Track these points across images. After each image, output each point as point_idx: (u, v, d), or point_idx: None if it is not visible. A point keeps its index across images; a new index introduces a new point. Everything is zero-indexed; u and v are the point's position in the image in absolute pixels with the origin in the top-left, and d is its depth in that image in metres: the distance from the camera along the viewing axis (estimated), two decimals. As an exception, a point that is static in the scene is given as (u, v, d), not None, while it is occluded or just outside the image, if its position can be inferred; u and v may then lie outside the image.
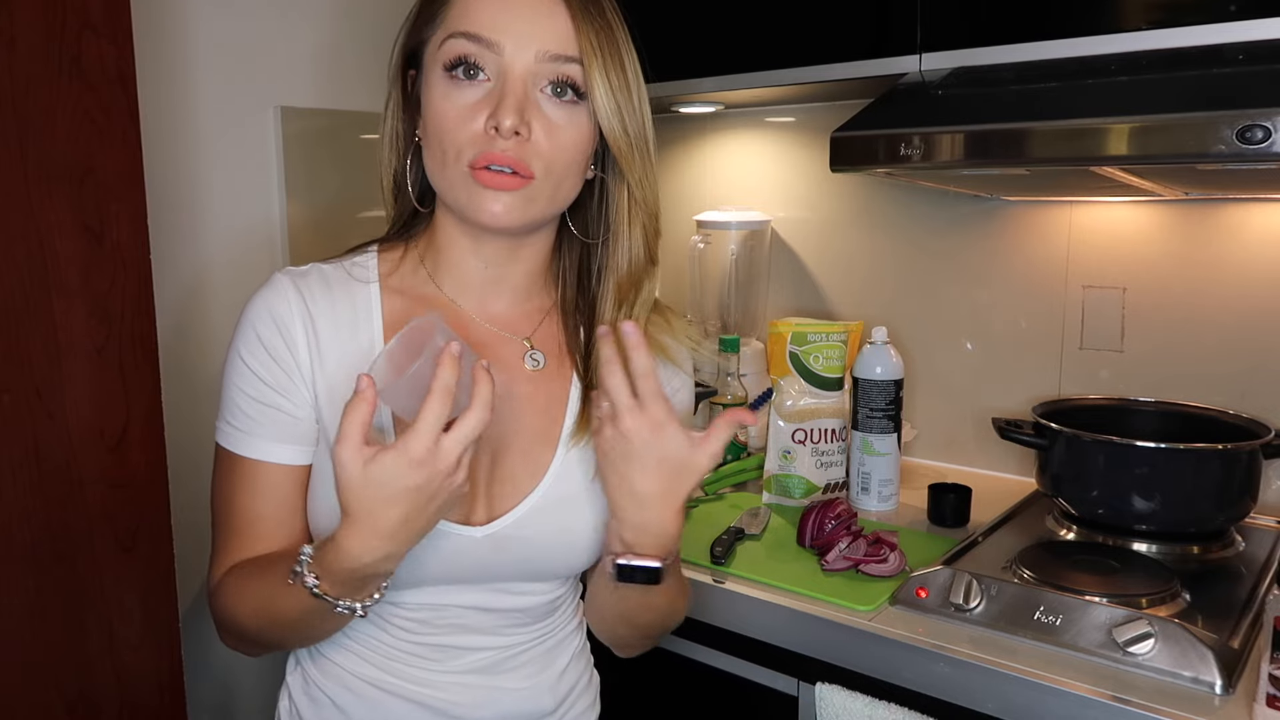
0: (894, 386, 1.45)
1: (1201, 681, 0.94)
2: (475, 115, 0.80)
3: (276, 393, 0.84)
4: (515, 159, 0.79)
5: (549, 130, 0.81)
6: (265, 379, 0.84)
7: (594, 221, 0.90)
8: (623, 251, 0.89)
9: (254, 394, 0.84)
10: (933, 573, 1.13)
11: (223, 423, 0.87)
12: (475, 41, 0.80)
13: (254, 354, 0.84)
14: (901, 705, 1.04)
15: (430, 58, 0.83)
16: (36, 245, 1.09)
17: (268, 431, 0.85)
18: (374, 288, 0.88)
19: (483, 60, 0.80)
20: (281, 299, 0.85)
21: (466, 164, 0.80)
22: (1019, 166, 1.15)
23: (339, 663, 0.89)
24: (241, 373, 0.85)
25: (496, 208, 0.80)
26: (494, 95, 0.80)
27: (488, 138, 0.79)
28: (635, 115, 0.85)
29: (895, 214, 1.74)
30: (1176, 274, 1.48)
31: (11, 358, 1.08)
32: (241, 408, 0.85)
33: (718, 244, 1.84)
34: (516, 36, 0.80)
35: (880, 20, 1.31)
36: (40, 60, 1.08)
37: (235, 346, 0.86)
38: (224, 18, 1.56)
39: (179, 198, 1.52)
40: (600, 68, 0.82)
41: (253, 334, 0.85)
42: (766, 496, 1.50)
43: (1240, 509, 1.27)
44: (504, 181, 0.80)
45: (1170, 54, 1.09)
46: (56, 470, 1.12)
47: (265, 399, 0.84)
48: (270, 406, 0.84)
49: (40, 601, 1.12)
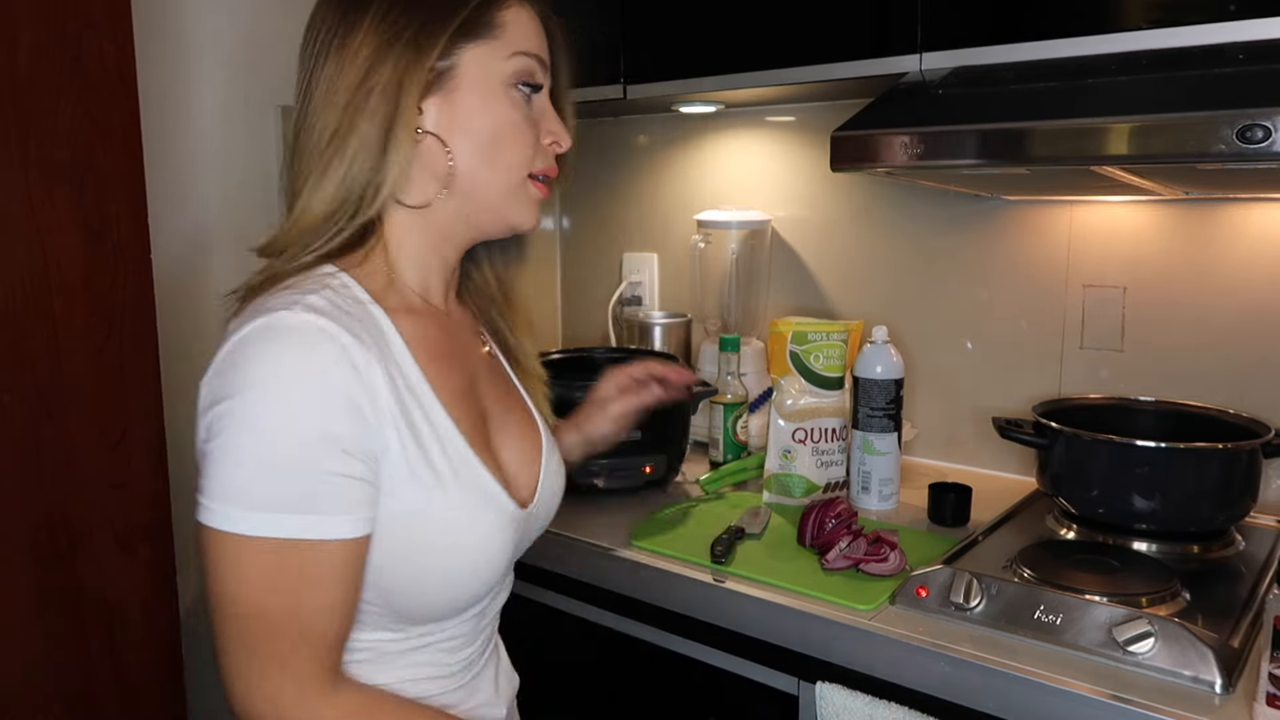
0: (894, 386, 1.45)
1: (1201, 681, 0.94)
2: (534, 127, 0.88)
3: (364, 462, 0.74)
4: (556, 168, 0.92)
5: None
6: (354, 450, 0.73)
7: None
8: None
9: (339, 469, 0.72)
10: (933, 572, 1.13)
11: (269, 513, 0.70)
12: (541, 65, 0.89)
13: (336, 421, 0.72)
14: (902, 704, 1.04)
15: (485, 64, 0.85)
16: (37, 245, 1.09)
17: (346, 504, 0.73)
18: (376, 310, 0.81)
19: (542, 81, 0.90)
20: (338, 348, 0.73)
21: (526, 172, 0.88)
22: (1019, 166, 1.15)
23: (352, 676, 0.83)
24: (319, 448, 0.71)
25: (537, 213, 0.92)
26: (545, 115, 0.90)
27: (547, 150, 0.90)
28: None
29: (895, 213, 1.74)
30: (1177, 273, 1.48)
31: (12, 358, 1.08)
32: (311, 490, 0.71)
33: (718, 243, 1.84)
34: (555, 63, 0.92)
35: (880, 20, 1.31)
36: (41, 60, 1.08)
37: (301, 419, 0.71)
38: (225, 17, 1.56)
39: (180, 197, 1.52)
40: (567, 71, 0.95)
41: (336, 398, 0.72)
42: (767, 495, 1.50)
43: (1240, 508, 1.27)
44: (546, 192, 0.91)
45: (1170, 53, 1.09)
46: (56, 470, 1.12)
47: (353, 472, 0.73)
48: (356, 479, 0.73)
49: (40, 601, 1.12)
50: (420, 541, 0.79)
